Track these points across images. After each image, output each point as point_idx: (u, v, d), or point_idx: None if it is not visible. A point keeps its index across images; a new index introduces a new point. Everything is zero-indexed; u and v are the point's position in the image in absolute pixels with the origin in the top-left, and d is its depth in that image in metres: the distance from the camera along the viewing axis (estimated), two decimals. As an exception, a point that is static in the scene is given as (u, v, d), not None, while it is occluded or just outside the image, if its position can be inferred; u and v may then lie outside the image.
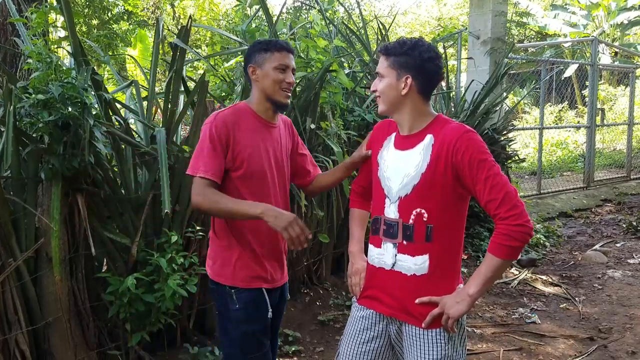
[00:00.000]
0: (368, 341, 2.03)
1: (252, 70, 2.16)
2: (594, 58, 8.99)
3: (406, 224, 1.91)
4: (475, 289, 1.84)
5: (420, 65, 1.88)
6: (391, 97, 1.93)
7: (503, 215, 1.77)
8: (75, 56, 2.86)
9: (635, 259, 5.71)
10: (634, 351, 3.65)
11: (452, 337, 1.93)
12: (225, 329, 2.22)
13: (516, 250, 1.79)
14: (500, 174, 1.81)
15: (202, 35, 14.27)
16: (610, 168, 10.90)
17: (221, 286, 2.18)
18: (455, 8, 21.93)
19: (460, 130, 1.85)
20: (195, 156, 2.09)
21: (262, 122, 2.19)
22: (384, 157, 2.02)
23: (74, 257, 2.88)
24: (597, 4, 17.01)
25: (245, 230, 2.15)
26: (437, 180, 1.86)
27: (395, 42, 1.94)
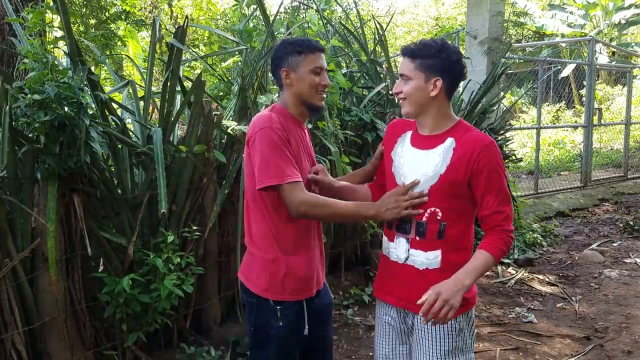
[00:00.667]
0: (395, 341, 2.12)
1: (285, 74, 2.06)
2: (591, 58, 9.00)
3: (419, 221, 1.97)
4: (471, 281, 1.90)
5: (449, 67, 1.92)
6: (419, 99, 1.95)
7: (506, 228, 1.93)
8: (71, 56, 2.85)
9: (632, 259, 5.72)
10: (630, 350, 3.66)
11: (462, 330, 2.00)
12: (260, 346, 2.12)
13: (504, 254, 1.97)
14: (507, 190, 1.96)
15: (200, 35, 14.26)
16: (608, 167, 10.92)
17: (263, 300, 2.06)
18: (453, 8, 21.94)
19: (485, 141, 1.93)
20: (270, 165, 1.94)
21: (297, 123, 2.14)
22: (399, 153, 2.07)
23: (71, 257, 2.88)
24: (594, 4, 17.03)
25: (293, 236, 2.06)
26: (453, 182, 1.92)
27: (420, 44, 1.96)
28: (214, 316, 3.57)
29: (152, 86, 3.39)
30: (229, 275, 3.64)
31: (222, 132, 3.53)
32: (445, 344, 1.98)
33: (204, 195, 3.39)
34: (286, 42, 2.10)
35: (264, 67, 3.91)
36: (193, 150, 3.20)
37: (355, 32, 5.41)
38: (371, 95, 4.94)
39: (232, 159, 3.56)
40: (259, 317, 2.10)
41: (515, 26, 16.92)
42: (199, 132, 3.27)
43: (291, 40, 2.09)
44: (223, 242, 3.60)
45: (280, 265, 2.04)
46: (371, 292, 4.42)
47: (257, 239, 2.09)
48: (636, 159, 11.12)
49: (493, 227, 1.93)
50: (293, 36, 4.58)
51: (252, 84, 3.80)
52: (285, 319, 2.06)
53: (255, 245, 2.10)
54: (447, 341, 1.98)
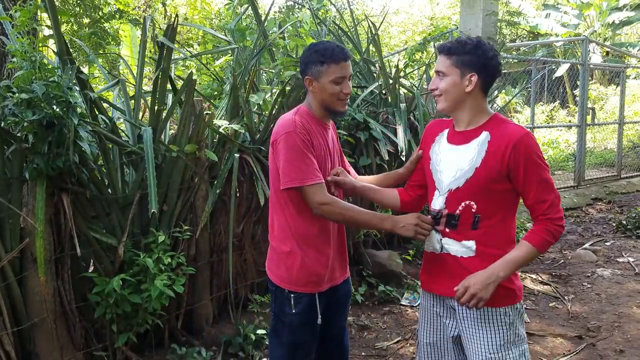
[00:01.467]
0: (441, 329, 2.15)
1: (308, 82, 2.16)
2: (585, 57, 9.02)
3: (451, 214, 2.01)
4: (507, 272, 1.93)
5: (484, 63, 1.97)
6: (455, 94, 2.00)
7: (551, 217, 1.92)
8: (60, 55, 2.83)
9: (624, 258, 5.73)
10: (622, 349, 3.66)
11: (513, 322, 2.01)
12: (277, 332, 2.27)
13: (550, 245, 1.97)
14: (550, 178, 1.95)
15: (195, 34, 14.21)
16: (601, 167, 10.94)
17: (280, 289, 2.21)
18: (447, 7, 21.96)
19: (520, 132, 1.93)
20: (293, 168, 2.07)
21: (321, 124, 2.23)
22: (436, 151, 2.12)
23: (60, 257, 2.86)
24: (588, 4, 17.08)
25: (310, 234, 2.18)
26: (489, 175, 1.94)
27: (455, 41, 2.00)
28: (206, 316, 3.56)
29: (142, 85, 3.37)
30: (220, 275, 3.63)
31: (214, 132, 3.51)
32: (498, 337, 1.99)
33: (195, 194, 3.37)
34: (312, 50, 2.15)
35: (256, 66, 3.90)
36: (184, 149, 3.19)
37: (348, 32, 5.41)
38: (364, 95, 4.93)
39: (223, 158, 3.54)
40: (276, 305, 2.26)
41: (508, 26, 16.95)
42: (190, 131, 3.25)
43: (317, 48, 2.14)
44: (215, 241, 3.59)
45: (296, 259, 2.17)
46: (364, 292, 4.42)
47: (277, 233, 2.23)
48: (629, 158, 11.15)
49: (537, 217, 1.95)
50: (285, 35, 4.58)
51: (245, 83, 3.78)
52: (298, 308, 2.18)
53: (275, 239, 2.24)
54: (500, 335, 1.99)
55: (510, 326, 2.01)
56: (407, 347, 3.75)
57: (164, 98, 3.27)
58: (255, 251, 3.82)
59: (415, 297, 4.51)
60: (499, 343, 1.99)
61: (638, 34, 20.49)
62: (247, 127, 3.67)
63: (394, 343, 3.81)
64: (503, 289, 1.97)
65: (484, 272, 1.92)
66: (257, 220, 3.77)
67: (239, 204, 3.66)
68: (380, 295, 4.45)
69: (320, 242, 2.20)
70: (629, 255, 5.84)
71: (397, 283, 4.66)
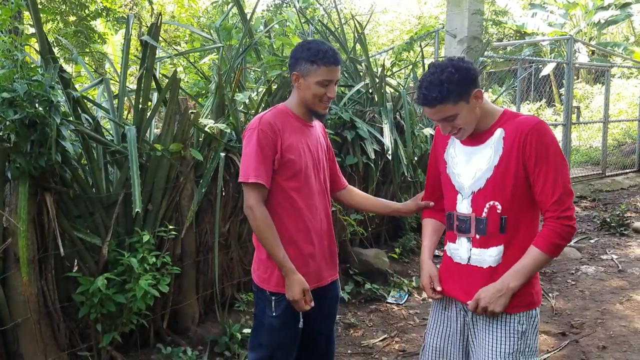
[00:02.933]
0: (451, 334, 2.10)
1: (295, 77, 2.16)
2: (570, 56, 9.10)
3: (479, 218, 1.94)
4: (518, 282, 1.87)
5: (472, 79, 1.86)
6: (474, 119, 1.92)
7: (559, 215, 1.83)
8: (42, 53, 2.81)
9: (608, 255, 5.80)
10: (605, 346, 3.70)
11: (525, 332, 1.95)
12: (257, 333, 2.26)
13: (562, 247, 1.87)
14: (563, 170, 1.84)
15: (182, 32, 14.14)
16: (586, 165, 11.06)
17: (262, 291, 2.21)
18: (435, 7, 22.04)
19: (532, 121, 1.87)
20: (244, 163, 2.11)
21: (301, 122, 2.22)
22: (451, 154, 2.06)
23: (43, 257, 2.84)
24: (574, 3, 17.22)
25: (287, 231, 2.16)
26: (509, 172, 1.88)
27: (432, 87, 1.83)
28: (192, 316, 3.55)
29: (126, 84, 3.36)
30: (207, 275, 3.62)
31: (199, 130, 3.50)
32: (507, 346, 1.93)
33: (180, 194, 3.36)
34: (305, 47, 2.14)
35: (242, 64, 3.89)
36: (169, 148, 3.18)
37: (335, 31, 5.41)
38: (351, 94, 4.95)
39: (209, 157, 3.53)
40: (258, 306, 2.26)
41: (494, 25, 17.05)
42: (175, 130, 3.24)
43: (310, 46, 2.13)
44: (201, 241, 3.58)
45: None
46: (350, 290, 4.43)
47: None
48: (614, 156, 11.27)
49: (545, 215, 1.86)
50: (272, 34, 4.57)
51: (230, 81, 3.78)
52: (279, 310, 2.17)
53: (256, 239, 2.23)
54: (509, 343, 1.93)
55: (522, 335, 1.94)
56: (392, 345, 3.77)
57: (148, 96, 3.26)
58: (242, 250, 3.82)
59: (402, 295, 4.53)
60: (507, 351, 1.93)
61: (623, 34, 20.70)
62: (233, 126, 3.66)
63: (379, 341, 3.82)
64: (519, 295, 1.90)
65: (495, 284, 1.88)
66: (244, 219, 3.76)
67: (225, 203, 3.66)
68: (367, 293, 4.47)
69: (300, 240, 2.18)
70: (613, 252, 5.91)
71: (383, 281, 4.68)
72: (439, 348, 2.12)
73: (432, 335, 2.15)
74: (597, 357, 3.56)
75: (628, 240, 6.41)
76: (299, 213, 2.18)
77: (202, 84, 4.40)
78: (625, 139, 12.45)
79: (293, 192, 2.16)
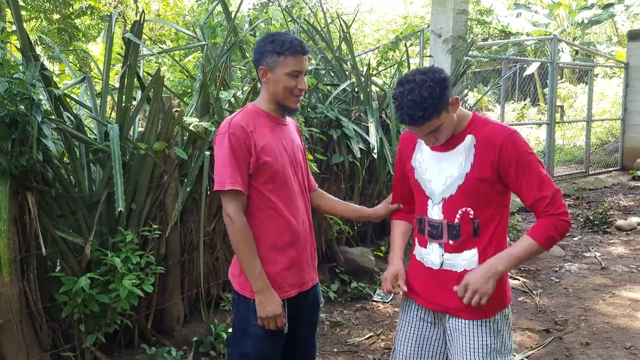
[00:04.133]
0: (424, 336, 2.08)
1: (262, 72, 2.05)
2: (553, 56, 9.18)
3: (451, 224, 1.93)
4: (505, 267, 1.88)
5: (446, 86, 1.83)
6: (454, 124, 1.91)
7: (555, 212, 1.84)
8: (23, 51, 2.78)
9: (591, 253, 5.87)
10: (588, 342, 3.75)
11: (500, 330, 1.96)
12: (239, 343, 2.15)
13: (555, 242, 1.88)
14: (545, 173, 1.88)
15: (167, 30, 14.05)
16: (570, 164, 11.17)
17: (245, 299, 2.10)
18: (421, 6, 22.13)
19: (506, 132, 1.88)
20: (218, 170, 2.01)
21: (274, 120, 2.12)
22: (419, 160, 2.04)
23: (25, 257, 2.80)
24: (558, 3, 17.40)
25: (274, 237, 2.08)
26: (481, 178, 1.89)
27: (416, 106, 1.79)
28: (177, 316, 3.53)
29: (109, 82, 3.33)
30: (192, 274, 3.60)
31: (184, 129, 3.48)
32: (485, 346, 1.93)
33: (165, 193, 3.34)
34: (269, 39, 2.04)
35: (227, 62, 3.88)
36: (153, 147, 3.15)
37: (321, 30, 5.41)
38: (336, 93, 4.95)
39: (194, 155, 3.51)
40: (238, 314, 2.15)
41: (479, 24, 17.17)
42: (159, 128, 3.22)
43: (273, 38, 2.03)
44: (186, 240, 3.56)
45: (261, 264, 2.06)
46: (336, 289, 4.44)
47: None
48: (597, 155, 11.41)
49: (540, 214, 1.87)
50: (256, 33, 4.56)
51: (215, 80, 3.76)
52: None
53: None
54: (487, 343, 1.93)
55: (497, 334, 1.96)
56: (378, 343, 3.78)
57: (132, 94, 3.23)
58: (227, 249, 3.80)
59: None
60: (485, 351, 1.93)
61: (606, 34, 20.96)
62: (218, 125, 3.64)
63: (365, 339, 3.83)
64: (492, 298, 1.90)
65: (481, 267, 1.88)
66: (229, 218, 3.74)
67: (211, 202, 3.64)
68: (353, 291, 4.47)
69: (283, 245, 2.10)
70: (596, 250, 5.98)
71: (369, 279, 4.69)
72: (409, 354, 2.10)
73: (401, 340, 2.12)
74: (580, 354, 3.60)
75: (611, 238, 6.49)
76: (281, 216, 2.09)
77: (186, 82, 4.38)
78: (609, 137, 12.61)
79: (272, 195, 2.07)
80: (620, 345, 3.70)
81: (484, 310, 1.93)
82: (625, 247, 6.09)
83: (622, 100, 11.15)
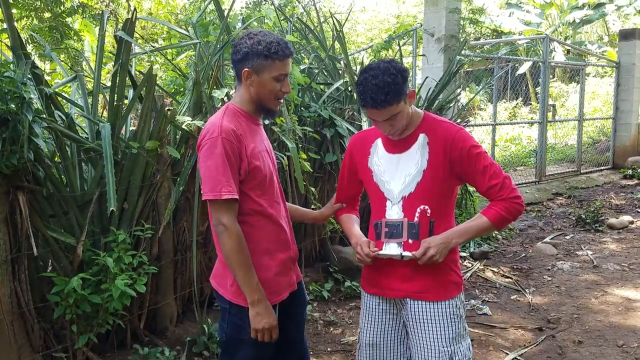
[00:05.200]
0: (386, 328, 2.15)
1: (247, 74, 1.97)
2: (545, 55, 9.22)
3: (412, 223, 2.02)
4: (460, 240, 2.03)
5: (404, 78, 1.94)
6: (408, 117, 2.02)
7: (507, 196, 1.99)
8: (14, 50, 2.75)
9: (583, 251, 5.90)
10: (580, 340, 3.76)
11: (462, 315, 2.07)
12: (235, 351, 2.09)
13: (507, 223, 2.05)
14: (494, 162, 2.03)
15: (160, 29, 13.99)
16: (562, 163, 11.23)
17: (239, 308, 2.03)
18: (413, 6, 22.17)
19: (454, 129, 2.02)
20: (210, 177, 1.90)
21: (253, 121, 2.07)
22: (376, 162, 2.11)
23: (17, 257, 2.78)
24: (550, 3, 17.48)
25: (266, 242, 2.04)
26: (437, 175, 2.00)
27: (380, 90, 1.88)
28: (170, 316, 3.51)
29: (101, 80, 3.30)
30: (185, 274, 3.59)
31: (176, 128, 3.47)
32: (451, 331, 2.03)
33: (157, 192, 3.32)
34: (254, 39, 1.96)
35: (220, 61, 3.86)
36: (145, 146, 3.14)
37: (314, 29, 5.40)
38: (330, 92, 4.94)
39: (187, 154, 3.50)
40: (230, 323, 2.07)
41: (472, 24, 17.22)
42: (151, 127, 3.20)
43: (259, 39, 1.96)
44: (179, 240, 3.54)
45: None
46: (330, 288, 4.43)
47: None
48: (589, 154, 11.47)
49: (495, 199, 2.02)
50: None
51: (208, 78, 3.74)
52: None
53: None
54: (452, 329, 2.03)
55: (460, 319, 2.07)
56: (372, 342, 3.78)
57: (123, 93, 3.21)
58: (220, 249, 3.78)
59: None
60: (451, 336, 2.03)
61: (597, 33, 21.07)
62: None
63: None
64: (452, 280, 2.07)
65: (440, 236, 1.99)
66: (222, 218, 3.73)
67: (204, 202, 3.61)
68: (347, 290, 4.47)
69: (274, 249, 2.07)
70: (588, 248, 6.01)
71: (363, 279, 4.68)
72: (374, 344, 2.16)
73: (366, 332, 2.18)
74: (573, 352, 3.61)
75: (603, 236, 6.52)
76: (270, 220, 2.06)
77: (179, 80, 4.35)
78: (600, 136, 12.68)
79: (262, 200, 2.03)
80: (612, 343, 3.72)
81: (444, 293, 2.03)
82: (617, 245, 6.13)
83: (614, 99, 11.22)
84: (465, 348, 2.06)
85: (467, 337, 2.10)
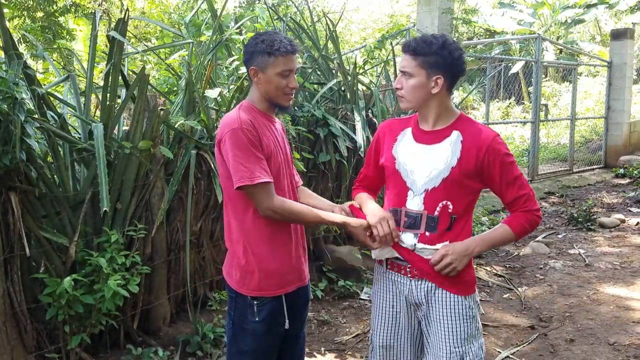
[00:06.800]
0: (399, 327, 2.13)
1: (253, 72, 2.06)
2: (538, 55, 9.26)
3: (431, 216, 2.00)
4: (482, 249, 2.03)
5: (451, 64, 1.95)
6: (421, 96, 1.99)
7: (531, 208, 2.02)
8: (6, 49, 2.74)
9: (575, 250, 5.93)
10: (572, 339, 3.79)
11: (475, 316, 2.06)
12: (237, 340, 2.14)
13: (527, 233, 2.08)
14: (521, 174, 2.05)
15: (152, 28, 13.94)
16: (554, 162, 11.28)
17: (241, 296, 2.10)
18: (407, 5, 22.19)
19: (492, 135, 2.00)
20: (241, 166, 1.96)
21: (267, 118, 2.14)
22: (401, 150, 2.09)
23: (9, 258, 2.77)
24: (542, 3, 17.55)
25: (268, 233, 2.08)
26: (464, 174, 1.97)
27: (421, 40, 1.95)
28: (163, 316, 3.51)
29: (93, 80, 3.29)
30: (178, 274, 3.58)
31: (169, 128, 3.46)
32: (463, 331, 2.01)
33: (150, 192, 3.31)
34: (258, 39, 2.04)
35: (213, 61, 3.86)
36: (138, 146, 3.13)
37: (307, 29, 5.40)
38: (323, 91, 4.94)
39: (180, 154, 3.49)
40: (236, 312, 2.14)
41: (464, 24, 17.28)
42: (144, 127, 3.19)
43: (264, 38, 2.03)
44: (172, 240, 3.54)
45: (255, 262, 2.07)
46: (324, 287, 4.44)
47: (234, 235, 2.12)
48: (581, 153, 11.53)
49: (517, 210, 2.03)
50: (242, 31, 4.54)
51: (201, 78, 3.74)
52: (262, 315, 2.08)
53: (232, 242, 2.13)
54: (464, 329, 2.01)
55: (473, 319, 2.04)
56: (365, 341, 3.79)
57: (116, 93, 3.20)
58: (214, 249, 3.78)
59: (375, 292, 4.56)
60: (463, 337, 2.01)
61: (590, 33, 21.18)
62: (204, 123, 3.63)
63: (353, 337, 3.84)
64: (469, 278, 2.05)
65: (460, 244, 1.98)
66: (216, 218, 3.73)
67: (197, 201, 3.62)
68: (340, 290, 4.48)
69: (280, 242, 2.11)
70: (580, 247, 6.05)
71: (356, 278, 4.70)
72: (388, 346, 2.15)
73: (379, 334, 2.17)
74: (565, 350, 3.64)
75: (594, 235, 6.56)
76: None
77: (172, 80, 4.35)
78: (592, 136, 12.74)
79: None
80: (604, 341, 3.75)
81: (464, 289, 2.03)
82: (609, 244, 6.17)
83: (606, 98, 11.28)
84: (477, 348, 2.04)
85: (479, 336, 2.08)
